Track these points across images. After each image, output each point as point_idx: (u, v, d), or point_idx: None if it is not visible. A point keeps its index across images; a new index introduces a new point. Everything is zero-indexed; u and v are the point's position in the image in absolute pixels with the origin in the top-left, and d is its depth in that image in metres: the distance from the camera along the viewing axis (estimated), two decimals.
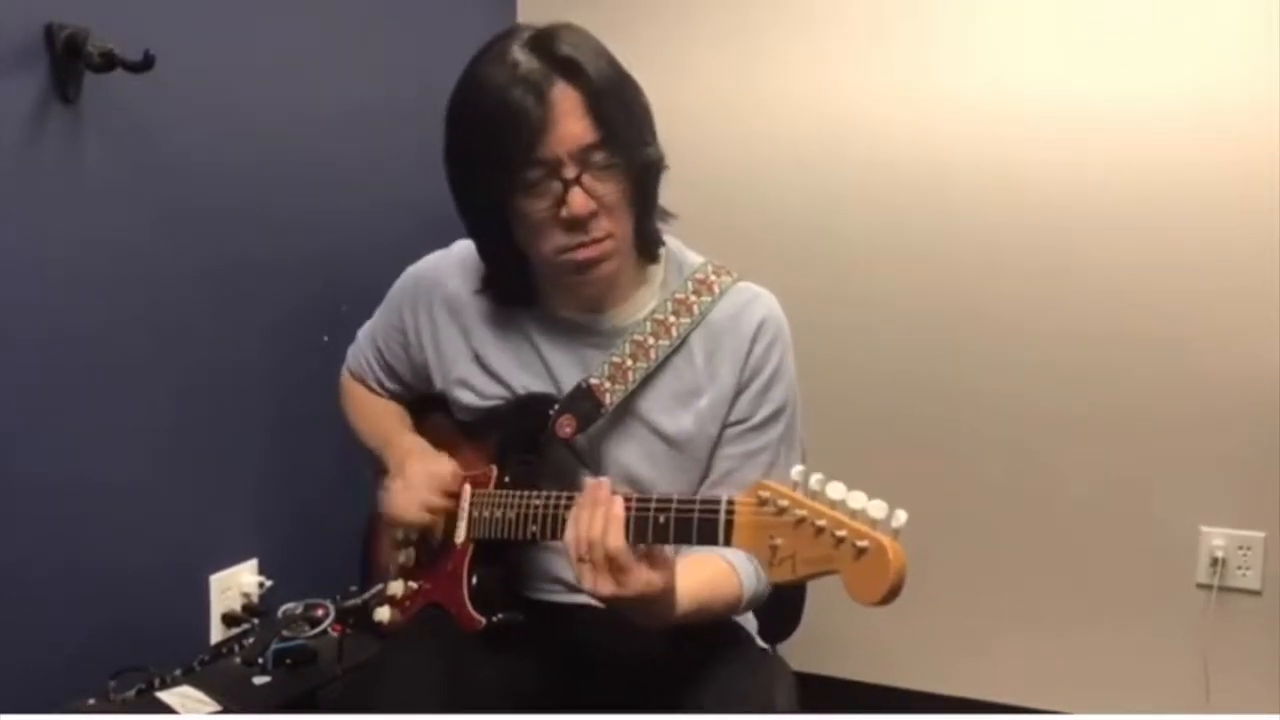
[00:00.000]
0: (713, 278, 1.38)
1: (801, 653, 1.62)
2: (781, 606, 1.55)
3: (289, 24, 1.94)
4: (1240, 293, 2.18)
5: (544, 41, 1.24)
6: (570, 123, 1.22)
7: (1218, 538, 2.23)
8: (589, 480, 1.18)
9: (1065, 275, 2.28)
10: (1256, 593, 2.22)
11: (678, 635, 1.22)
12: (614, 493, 1.15)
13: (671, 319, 1.35)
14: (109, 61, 1.52)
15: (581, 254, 1.28)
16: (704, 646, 1.30)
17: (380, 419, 1.56)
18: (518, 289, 1.39)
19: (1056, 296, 2.29)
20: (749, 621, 1.46)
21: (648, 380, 1.34)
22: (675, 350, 1.35)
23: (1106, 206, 2.24)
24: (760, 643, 1.45)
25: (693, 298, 1.36)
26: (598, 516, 1.12)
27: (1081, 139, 2.24)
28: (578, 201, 1.24)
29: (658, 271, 1.40)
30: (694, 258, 1.42)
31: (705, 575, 1.25)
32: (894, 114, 2.35)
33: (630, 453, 1.35)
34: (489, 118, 1.23)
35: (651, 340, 1.34)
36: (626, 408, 1.35)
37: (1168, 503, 2.25)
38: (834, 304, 2.40)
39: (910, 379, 2.40)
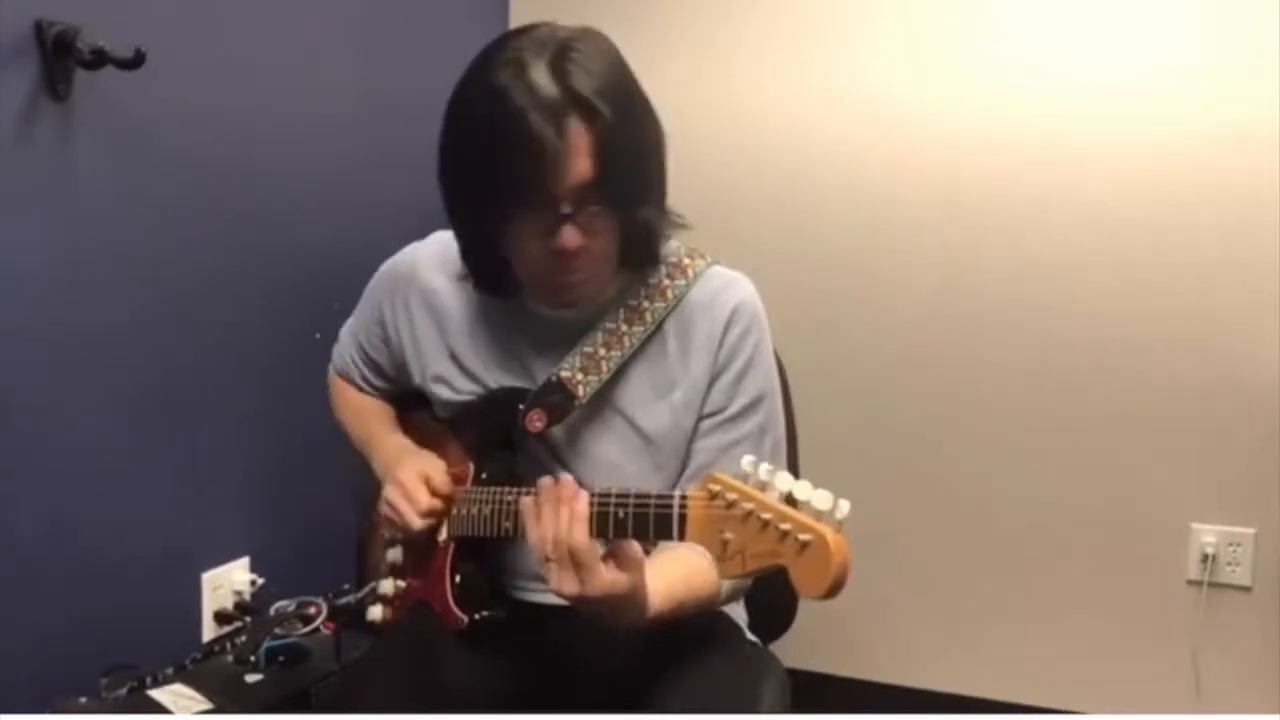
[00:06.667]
0: (686, 260, 1.35)
1: (793, 649, 1.62)
2: (774, 602, 1.53)
3: (279, 22, 1.94)
4: (1231, 292, 2.18)
5: (562, 63, 1.20)
6: (578, 160, 1.20)
7: (1208, 534, 2.24)
8: (546, 479, 1.14)
9: (1057, 275, 2.29)
10: (1246, 589, 2.23)
11: (664, 631, 1.20)
12: (579, 489, 1.12)
13: (645, 304, 1.32)
14: (100, 59, 1.51)
15: (561, 280, 1.27)
16: (692, 642, 1.29)
17: (365, 419, 1.54)
18: (496, 282, 1.37)
19: (1048, 295, 2.30)
20: (739, 616, 1.44)
21: (624, 370, 1.32)
22: (650, 338, 1.32)
23: (1098, 207, 2.25)
24: (750, 637, 1.44)
25: (666, 281, 1.33)
26: (562, 513, 1.10)
27: (1078, 140, 2.24)
28: (569, 237, 1.22)
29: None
30: (669, 243, 1.38)
31: (681, 571, 1.22)
32: (890, 116, 2.35)
33: (609, 446, 1.33)
34: (504, 138, 1.20)
35: (625, 327, 1.32)
36: (603, 399, 1.32)
37: (1158, 499, 2.26)
38: (830, 304, 2.40)
39: (902, 377, 2.40)
